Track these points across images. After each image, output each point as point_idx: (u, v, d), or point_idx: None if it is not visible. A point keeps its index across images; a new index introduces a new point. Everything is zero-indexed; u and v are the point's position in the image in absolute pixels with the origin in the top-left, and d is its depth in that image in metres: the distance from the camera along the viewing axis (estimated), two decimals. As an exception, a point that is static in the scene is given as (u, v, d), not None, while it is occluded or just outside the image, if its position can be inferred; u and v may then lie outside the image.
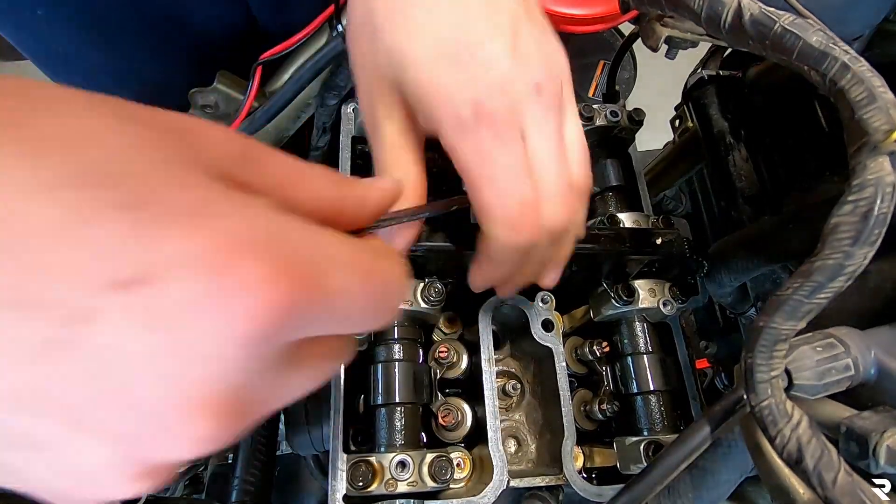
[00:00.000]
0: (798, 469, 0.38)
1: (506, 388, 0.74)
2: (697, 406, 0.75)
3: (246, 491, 0.69)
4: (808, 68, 0.42)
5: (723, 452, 0.53)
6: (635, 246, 0.67)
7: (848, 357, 0.42)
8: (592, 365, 0.77)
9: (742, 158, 0.88)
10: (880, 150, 0.37)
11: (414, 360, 0.68)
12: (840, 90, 0.40)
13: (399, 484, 0.60)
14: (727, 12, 0.45)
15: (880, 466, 0.37)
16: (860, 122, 0.38)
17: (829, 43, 0.41)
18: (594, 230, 0.70)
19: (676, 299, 0.74)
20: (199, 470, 0.97)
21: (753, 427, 0.44)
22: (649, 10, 0.59)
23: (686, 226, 0.84)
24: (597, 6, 0.80)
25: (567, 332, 0.80)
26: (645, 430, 0.71)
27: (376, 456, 0.61)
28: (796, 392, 0.42)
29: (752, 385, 0.40)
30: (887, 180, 0.37)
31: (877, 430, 0.37)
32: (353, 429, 0.67)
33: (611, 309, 0.73)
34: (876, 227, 0.37)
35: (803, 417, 0.39)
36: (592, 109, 0.78)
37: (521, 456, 0.74)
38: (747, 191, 0.86)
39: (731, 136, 0.90)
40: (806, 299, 0.39)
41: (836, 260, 0.38)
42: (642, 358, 0.73)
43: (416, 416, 0.66)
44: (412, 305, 0.66)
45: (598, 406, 0.72)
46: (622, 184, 0.81)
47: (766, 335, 0.40)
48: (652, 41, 0.75)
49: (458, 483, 0.65)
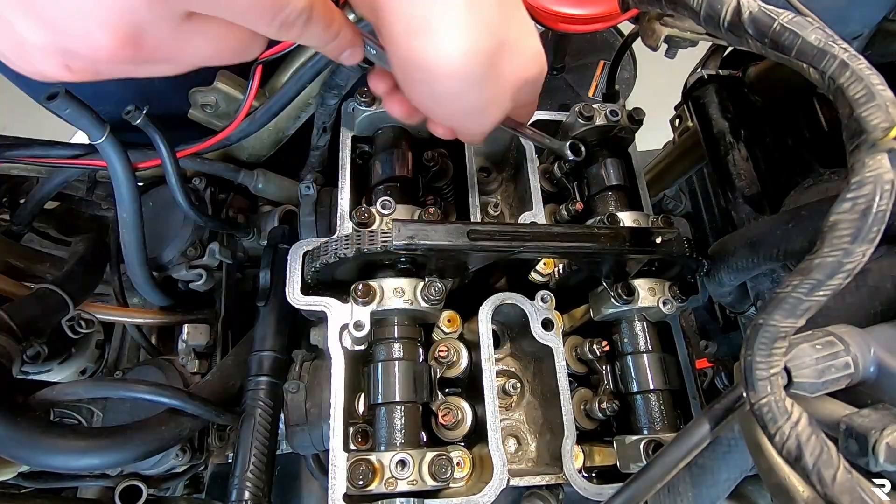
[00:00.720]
0: (797, 466, 0.38)
1: (506, 387, 0.74)
2: (697, 405, 0.75)
3: (246, 490, 0.69)
4: (808, 66, 0.42)
5: (722, 451, 0.53)
6: (635, 245, 0.67)
7: (847, 355, 0.42)
8: (592, 364, 0.77)
9: (742, 158, 0.88)
10: (879, 147, 0.37)
11: (414, 359, 0.68)
12: (839, 88, 0.40)
13: (399, 483, 0.60)
14: (726, 10, 0.45)
15: (880, 464, 0.37)
16: (859, 120, 0.38)
17: (827, 41, 0.41)
18: (594, 229, 0.70)
19: (676, 298, 0.74)
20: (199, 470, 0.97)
21: (753, 425, 0.44)
22: (649, 9, 0.59)
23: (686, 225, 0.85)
24: (597, 6, 0.80)
25: (567, 332, 0.80)
26: (645, 429, 0.71)
27: (376, 455, 0.61)
28: (796, 390, 0.42)
29: (752, 382, 0.40)
30: (886, 177, 0.37)
31: (876, 428, 0.37)
32: (353, 428, 0.67)
33: (611, 308, 0.73)
34: (875, 224, 0.37)
35: (803, 415, 0.39)
36: (592, 109, 0.78)
37: (521, 455, 0.74)
38: (747, 190, 0.86)
39: (731, 135, 0.90)
40: (805, 297, 0.39)
41: (835, 257, 0.38)
42: (642, 357, 0.73)
43: (417, 414, 0.66)
44: (412, 305, 0.66)
45: (598, 405, 0.72)
46: (622, 183, 0.81)
47: (766, 332, 0.40)
48: (652, 40, 0.75)
49: (458, 482, 0.65)
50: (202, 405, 0.72)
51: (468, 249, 0.61)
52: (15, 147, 0.81)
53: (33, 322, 0.75)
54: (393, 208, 0.69)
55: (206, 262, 0.93)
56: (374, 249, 0.61)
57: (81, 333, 0.83)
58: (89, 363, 0.98)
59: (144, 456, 0.69)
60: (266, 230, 0.96)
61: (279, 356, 0.78)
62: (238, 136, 0.83)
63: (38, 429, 0.62)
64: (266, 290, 0.82)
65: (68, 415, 0.85)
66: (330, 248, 0.64)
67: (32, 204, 0.90)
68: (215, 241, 0.94)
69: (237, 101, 0.82)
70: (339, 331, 0.66)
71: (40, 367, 0.87)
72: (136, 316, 0.93)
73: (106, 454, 0.65)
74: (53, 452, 0.62)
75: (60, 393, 0.69)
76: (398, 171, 0.75)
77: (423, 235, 0.60)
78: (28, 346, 0.75)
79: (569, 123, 0.81)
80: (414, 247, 0.60)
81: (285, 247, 0.81)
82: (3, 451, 0.61)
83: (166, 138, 0.75)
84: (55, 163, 0.82)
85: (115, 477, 0.85)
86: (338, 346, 0.65)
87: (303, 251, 0.69)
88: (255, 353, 0.78)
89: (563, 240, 0.65)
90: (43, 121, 1.15)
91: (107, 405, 0.86)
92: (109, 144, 0.69)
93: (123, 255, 0.80)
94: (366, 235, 0.62)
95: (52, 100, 0.62)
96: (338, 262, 0.63)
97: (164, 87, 0.81)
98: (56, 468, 0.68)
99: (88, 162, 0.81)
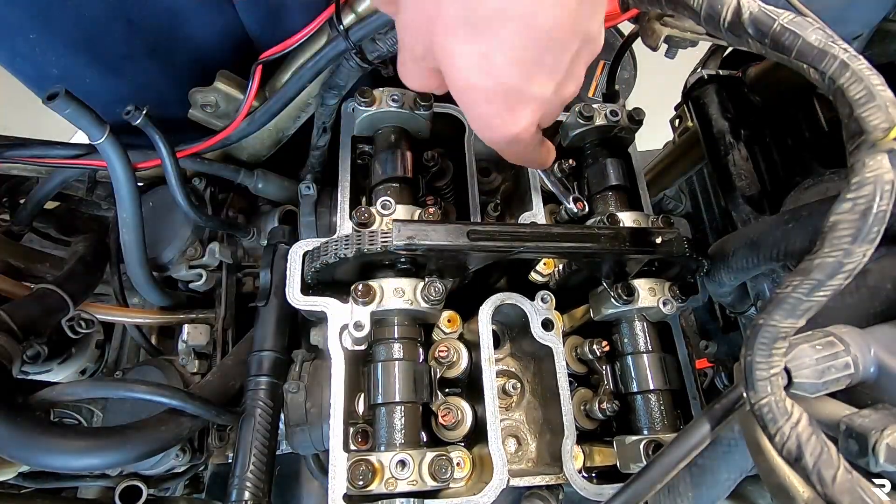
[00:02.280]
0: (798, 467, 0.38)
1: (506, 387, 0.74)
2: (697, 405, 0.75)
3: (246, 490, 0.69)
4: (808, 66, 0.42)
5: (722, 451, 0.53)
6: (635, 245, 0.67)
7: (847, 355, 0.42)
8: (592, 364, 0.77)
9: (742, 158, 0.88)
10: (879, 147, 0.37)
11: (414, 359, 0.68)
12: (839, 88, 0.40)
13: (399, 483, 0.60)
14: (727, 10, 0.45)
15: (880, 464, 0.37)
16: (859, 120, 0.38)
17: (827, 41, 0.41)
18: (594, 229, 0.70)
19: (676, 298, 0.74)
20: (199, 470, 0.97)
21: (753, 425, 0.44)
22: (649, 10, 0.59)
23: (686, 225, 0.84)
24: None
25: (567, 332, 0.79)
26: (645, 430, 0.71)
27: (376, 455, 0.61)
28: (796, 390, 0.42)
29: (752, 383, 0.40)
30: (886, 178, 0.37)
31: (876, 429, 0.37)
32: (353, 428, 0.67)
33: (611, 308, 0.73)
34: (875, 224, 0.37)
35: (803, 415, 0.39)
36: (592, 109, 0.78)
37: (521, 455, 0.74)
38: (747, 190, 0.86)
39: (731, 135, 0.90)
40: (805, 297, 0.39)
41: (835, 258, 0.38)
42: (642, 357, 0.73)
43: (416, 415, 0.66)
44: (412, 305, 0.66)
45: (598, 405, 0.72)
46: (622, 183, 0.81)
47: (766, 333, 0.40)
48: (652, 40, 0.75)
49: (458, 482, 0.65)
50: (202, 405, 0.72)
51: (468, 249, 0.61)
52: (15, 147, 0.81)
53: (33, 322, 0.75)
54: (393, 208, 0.69)
55: (206, 262, 0.93)
56: (374, 249, 0.61)
57: (81, 333, 0.83)
58: (89, 363, 0.98)
59: (144, 456, 0.69)
60: (266, 230, 0.96)
61: (279, 356, 0.78)
62: (238, 136, 0.83)
63: (38, 429, 0.62)
64: (266, 290, 0.82)
65: (68, 415, 0.85)
66: (330, 248, 0.64)
67: (32, 204, 0.90)
68: (215, 241, 0.94)
69: (237, 101, 0.82)
70: (339, 331, 0.66)
71: (40, 367, 0.87)
72: (136, 316, 0.93)
73: (106, 454, 0.65)
74: (53, 452, 0.62)
75: (60, 393, 0.69)
76: (398, 171, 0.75)
77: (423, 235, 0.60)
78: (28, 346, 0.75)
79: (569, 123, 0.81)
80: (414, 247, 0.60)
81: (285, 247, 0.81)
82: (3, 451, 0.61)
83: (166, 138, 0.75)
84: (55, 163, 0.82)
85: (115, 477, 0.85)
86: (338, 346, 0.65)
87: (303, 251, 0.69)
88: (255, 353, 0.78)
89: (563, 240, 0.65)
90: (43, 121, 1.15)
91: (107, 405, 0.86)
92: (109, 144, 0.69)
93: (123, 255, 0.80)
94: (366, 235, 0.62)
95: (52, 99, 0.62)
96: (338, 262, 0.63)
97: (162, 102, 0.81)
98: (56, 468, 0.68)
99: (88, 162, 0.81)
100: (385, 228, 0.64)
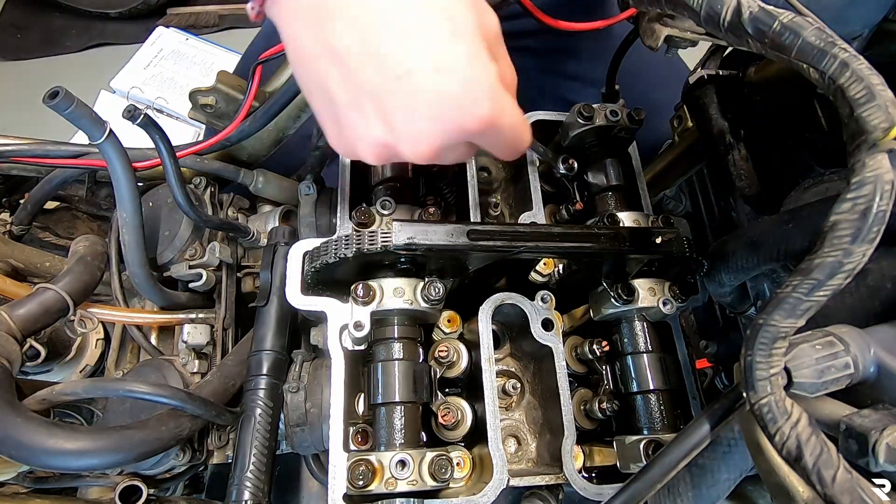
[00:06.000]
0: (797, 467, 0.38)
1: (506, 387, 0.74)
2: (697, 405, 0.75)
3: (246, 491, 0.69)
4: (808, 66, 0.42)
5: (722, 451, 0.53)
6: (635, 245, 0.67)
7: (847, 355, 0.42)
8: (592, 364, 0.77)
9: (742, 158, 0.88)
10: (879, 147, 0.37)
11: (414, 359, 0.68)
12: (839, 88, 0.40)
13: (399, 483, 0.60)
14: (726, 10, 0.45)
15: (879, 464, 0.37)
16: (859, 120, 0.38)
17: (827, 41, 0.41)
18: (594, 229, 0.70)
19: (676, 298, 0.74)
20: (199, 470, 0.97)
21: (753, 425, 0.44)
22: (649, 9, 0.59)
23: (686, 225, 0.84)
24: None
25: (567, 332, 0.80)
26: (645, 430, 0.71)
27: (376, 455, 0.61)
28: (796, 390, 0.42)
29: (752, 382, 0.40)
30: (886, 178, 0.37)
31: (876, 428, 0.37)
32: (353, 428, 0.67)
33: (611, 308, 0.73)
34: (875, 224, 0.37)
35: (802, 415, 0.39)
36: (592, 109, 0.78)
37: (520, 455, 0.74)
38: (747, 190, 0.86)
39: (731, 135, 0.90)
40: (805, 297, 0.39)
41: (835, 257, 0.38)
42: (642, 357, 0.73)
43: (416, 414, 0.66)
44: (412, 305, 0.66)
45: (598, 405, 0.72)
46: (622, 183, 0.81)
47: (766, 333, 0.40)
48: (652, 40, 0.75)
49: (458, 482, 0.65)
50: (202, 405, 0.72)
51: (468, 249, 0.62)
52: (15, 147, 0.81)
53: (33, 322, 0.75)
54: (393, 208, 0.69)
55: (206, 261, 0.93)
56: (374, 249, 0.61)
57: (81, 333, 0.83)
58: (89, 363, 0.98)
59: (144, 456, 0.69)
60: (266, 230, 0.96)
61: (279, 356, 0.78)
62: (238, 136, 0.83)
63: (38, 429, 0.62)
64: (266, 290, 0.82)
65: (68, 415, 0.85)
66: (330, 248, 0.64)
67: (32, 204, 0.90)
68: (215, 240, 0.94)
69: (237, 101, 0.82)
70: (339, 331, 0.66)
71: (40, 367, 0.87)
72: (136, 316, 0.93)
73: (106, 454, 0.65)
74: (53, 452, 0.62)
75: (60, 393, 0.69)
76: (398, 172, 0.75)
77: (423, 235, 0.60)
78: (28, 346, 0.75)
79: (569, 123, 0.81)
80: (414, 247, 0.60)
81: (285, 247, 0.81)
82: (2, 451, 0.61)
83: (166, 138, 0.75)
84: (55, 163, 0.82)
85: (115, 477, 0.85)
86: (338, 346, 0.65)
87: (303, 251, 0.69)
88: (255, 353, 0.78)
89: (563, 240, 0.65)
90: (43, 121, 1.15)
91: (107, 405, 0.86)
92: (109, 144, 0.69)
93: (123, 255, 0.80)
94: (366, 235, 0.62)
95: (52, 99, 0.62)
96: (338, 262, 0.63)
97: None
98: (56, 468, 0.68)
99: (88, 162, 0.81)
100: (385, 228, 0.64)
